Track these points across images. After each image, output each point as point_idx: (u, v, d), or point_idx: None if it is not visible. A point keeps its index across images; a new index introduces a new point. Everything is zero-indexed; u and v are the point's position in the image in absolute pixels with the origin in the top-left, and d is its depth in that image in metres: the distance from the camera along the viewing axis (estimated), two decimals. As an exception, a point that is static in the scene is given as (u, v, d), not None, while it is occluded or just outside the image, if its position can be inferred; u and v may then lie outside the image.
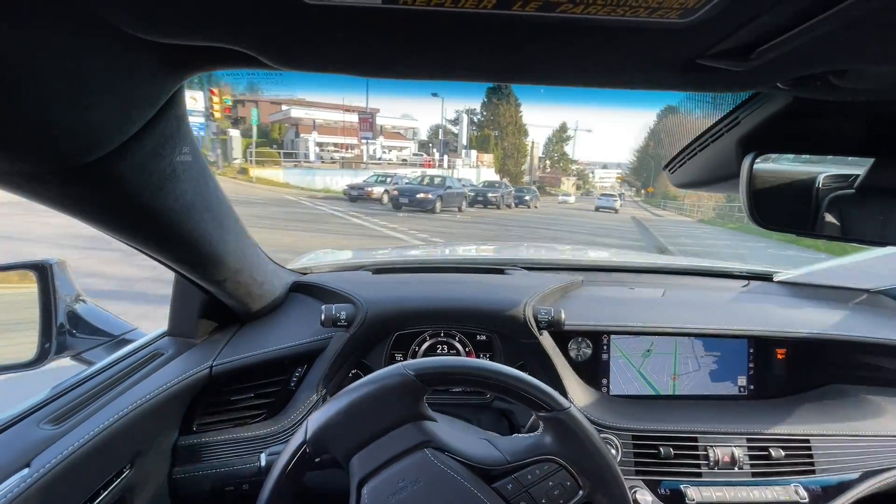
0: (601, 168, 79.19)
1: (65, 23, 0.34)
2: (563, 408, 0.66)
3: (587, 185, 67.94)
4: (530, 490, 0.64)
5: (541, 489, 0.64)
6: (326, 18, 0.34)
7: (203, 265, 0.81)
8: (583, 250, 2.19)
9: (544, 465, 0.65)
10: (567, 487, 0.65)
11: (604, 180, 76.60)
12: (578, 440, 0.65)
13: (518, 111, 42.61)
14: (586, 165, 74.95)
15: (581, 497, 0.65)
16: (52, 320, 0.91)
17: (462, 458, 0.65)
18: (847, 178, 0.69)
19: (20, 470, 0.62)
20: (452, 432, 0.68)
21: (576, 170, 66.69)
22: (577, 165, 67.47)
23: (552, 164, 59.52)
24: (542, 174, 55.85)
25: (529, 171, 48.64)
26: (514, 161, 43.45)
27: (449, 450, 0.65)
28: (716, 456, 0.96)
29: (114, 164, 0.49)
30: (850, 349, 1.13)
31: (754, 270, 1.42)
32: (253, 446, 0.96)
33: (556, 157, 59.84)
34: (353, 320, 1.02)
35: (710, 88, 0.51)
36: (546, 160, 59.79)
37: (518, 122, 42.92)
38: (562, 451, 0.65)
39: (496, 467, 0.66)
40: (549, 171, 58.39)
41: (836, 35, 0.35)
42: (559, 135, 59.24)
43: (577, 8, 0.32)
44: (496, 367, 0.68)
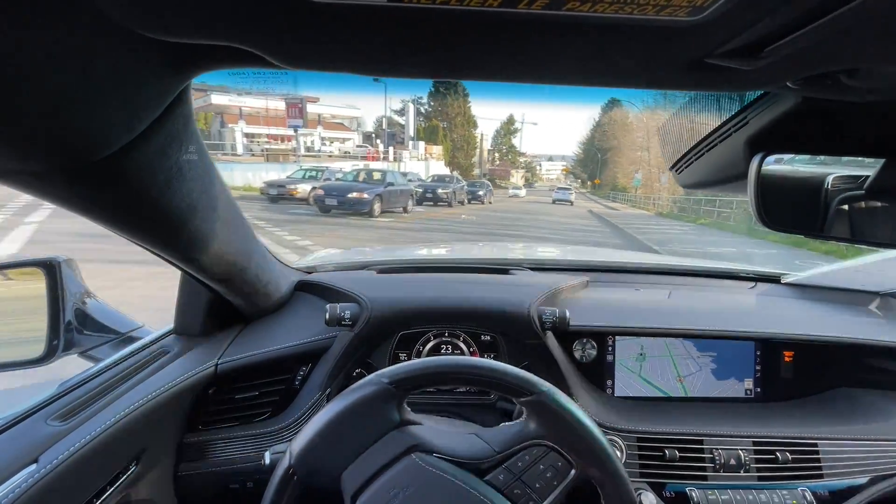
0: (547, 160, 79.65)
1: (72, 22, 0.34)
2: (542, 390, 0.65)
3: (535, 178, 67.79)
4: (522, 477, 0.64)
5: (533, 474, 0.64)
6: (332, 17, 0.34)
7: (209, 263, 0.82)
8: (588, 250, 2.18)
9: (533, 450, 0.65)
10: (559, 468, 0.65)
11: (550, 172, 77.01)
12: (562, 419, 0.65)
13: (466, 102, 41.54)
14: (533, 158, 75.19)
15: (574, 475, 0.64)
16: (60, 317, 0.92)
17: (450, 457, 0.64)
18: (857, 179, 0.68)
19: (28, 465, 0.62)
20: (438, 432, 0.68)
21: (524, 162, 66.72)
22: (524, 158, 67.50)
23: (501, 157, 59.41)
24: (491, 167, 55.50)
25: (479, 164, 47.82)
26: (463, 153, 42.27)
27: (436, 450, 0.64)
28: (721, 458, 0.95)
29: (121, 162, 0.49)
30: (858, 352, 1.12)
31: (761, 272, 1.41)
32: (257, 444, 0.96)
33: (505, 150, 59.76)
34: (357, 320, 1.02)
35: (718, 88, 0.51)
36: (495, 153, 59.62)
37: (467, 112, 41.61)
38: (547, 432, 0.65)
39: (486, 460, 0.65)
40: (499, 163, 58.12)
41: (847, 34, 0.34)
42: (507, 127, 59.00)
43: (584, 6, 0.32)
44: (469, 361, 0.68)
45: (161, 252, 0.75)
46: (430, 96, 40.83)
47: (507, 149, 60.06)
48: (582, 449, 0.64)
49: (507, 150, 60.07)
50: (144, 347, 0.97)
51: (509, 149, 60.15)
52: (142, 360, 0.90)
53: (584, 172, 61.59)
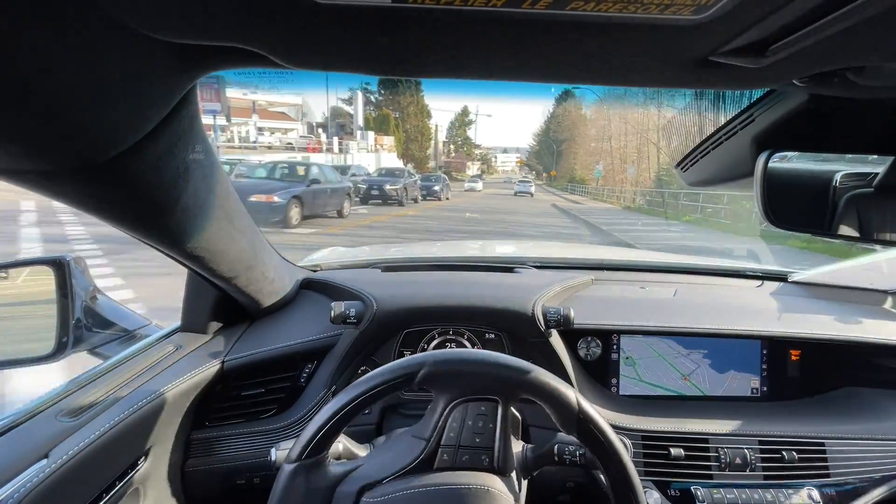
0: (502, 152, 79.12)
1: (81, 24, 0.35)
2: (425, 362, 0.64)
3: (490, 170, 66.81)
4: (461, 441, 0.65)
5: (466, 431, 0.65)
6: (337, 18, 0.34)
7: (215, 262, 0.82)
8: (593, 248, 2.18)
9: (450, 416, 0.66)
10: (483, 411, 0.65)
11: (505, 164, 76.14)
12: (455, 368, 0.64)
13: (419, 91, 39.93)
14: (488, 150, 74.71)
15: (498, 408, 0.65)
16: (70, 315, 0.93)
17: (399, 471, 0.65)
18: (865, 177, 0.67)
19: (39, 460, 0.63)
20: (376, 456, 0.68)
21: (479, 154, 66.03)
22: (480, 150, 66.87)
23: (456, 149, 58.41)
24: (447, 159, 54.41)
25: (435, 156, 45.94)
26: (418, 145, 40.17)
27: (383, 477, 0.64)
28: (727, 457, 0.94)
29: (129, 162, 0.50)
30: (866, 351, 1.11)
31: (768, 270, 1.40)
32: (264, 441, 0.97)
33: (460, 142, 58.78)
34: (362, 317, 1.03)
35: (724, 86, 0.50)
36: (450, 144, 58.59)
37: (420, 102, 39.55)
38: (444, 390, 0.65)
39: (424, 451, 0.66)
40: (454, 155, 57.06)
41: (854, 31, 0.34)
42: (461, 119, 58.04)
43: (587, 5, 0.32)
44: (351, 391, 0.65)
45: (168, 250, 0.75)
46: (381, 85, 38.83)
47: (463, 140, 58.93)
48: (474, 384, 0.65)
49: (463, 142, 58.96)
50: (152, 345, 0.98)
51: (464, 141, 59.11)
52: (149, 358, 0.91)
53: (540, 164, 60.63)
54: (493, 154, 77.05)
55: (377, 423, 1.06)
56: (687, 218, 15.17)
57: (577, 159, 44.07)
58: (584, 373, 1.09)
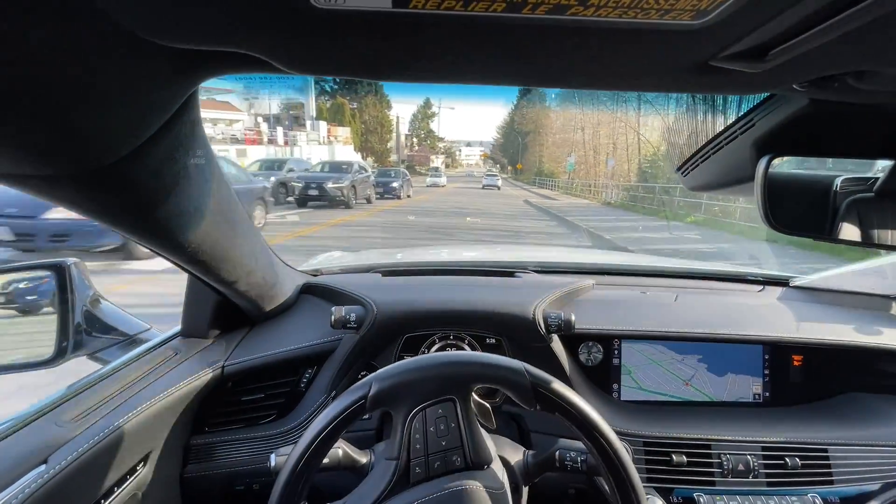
0: (466, 146, 78.75)
1: (82, 29, 0.35)
2: (371, 382, 0.64)
3: (455, 164, 65.84)
4: (428, 449, 0.64)
5: (431, 438, 0.64)
6: (336, 22, 0.34)
7: (216, 266, 0.82)
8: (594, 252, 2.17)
9: (412, 426, 0.65)
10: (441, 413, 0.65)
11: (469, 158, 75.77)
12: (401, 380, 0.64)
13: (378, 81, 38.83)
14: (452, 143, 74.09)
15: (456, 406, 0.65)
16: (70, 320, 0.93)
17: (379, 497, 0.65)
18: (866, 181, 0.67)
19: (37, 466, 0.63)
20: (357, 493, 0.67)
21: (443, 147, 64.68)
22: (443, 143, 65.65)
23: (420, 142, 56.74)
24: (410, 152, 52.57)
25: (397, 150, 43.36)
26: (377, 137, 37.42)
27: None
28: (730, 464, 0.94)
29: (130, 167, 0.50)
30: (869, 357, 1.10)
31: (770, 275, 1.40)
32: (263, 446, 0.97)
33: (423, 135, 57.03)
34: (362, 322, 1.03)
35: (724, 91, 0.50)
36: (413, 137, 56.88)
37: (379, 92, 37.15)
38: (398, 404, 0.65)
39: (399, 469, 0.65)
40: (418, 149, 55.15)
41: (854, 36, 0.34)
42: (424, 111, 56.64)
43: (587, 11, 0.32)
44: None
45: (169, 255, 0.75)
46: (336, 71, 37.46)
47: (426, 133, 57.10)
48: (423, 391, 0.65)
49: (426, 135, 57.13)
50: (152, 349, 0.98)
51: (428, 133, 57.29)
52: (149, 362, 0.91)
53: (505, 157, 59.36)
54: (458, 147, 76.78)
55: (377, 429, 1.05)
56: (691, 219, 13.03)
57: (545, 151, 41.53)
58: (584, 378, 1.09)
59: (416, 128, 58.01)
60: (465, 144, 79.93)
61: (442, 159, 58.81)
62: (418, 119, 57.91)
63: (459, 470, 0.65)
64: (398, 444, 0.65)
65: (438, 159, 55.88)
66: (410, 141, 57.02)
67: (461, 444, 0.65)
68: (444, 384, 0.65)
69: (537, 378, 0.64)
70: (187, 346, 1.00)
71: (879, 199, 0.66)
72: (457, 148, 76.32)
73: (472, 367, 0.65)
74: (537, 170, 42.23)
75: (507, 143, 58.49)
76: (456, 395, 0.65)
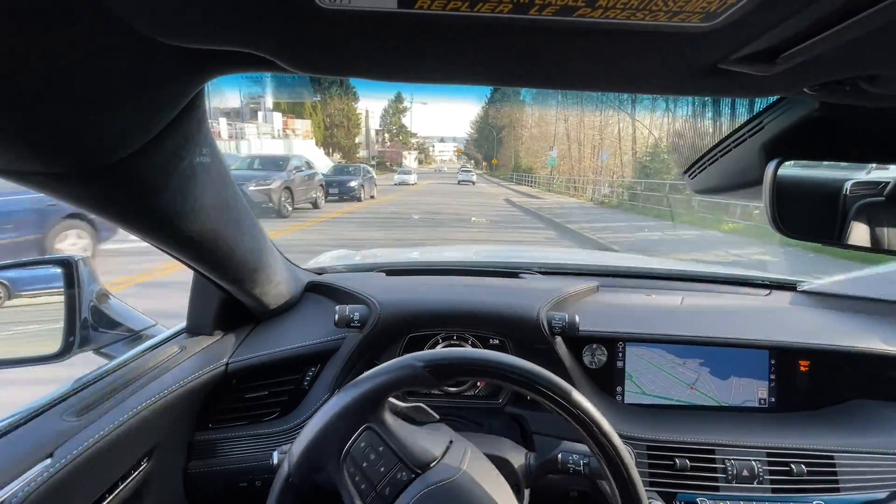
0: (439, 142, 77.69)
1: (90, 28, 0.35)
2: (290, 468, 0.63)
3: (428, 160, 64.34)
4: (374, 482, 0.63)
5: (369, 470, 0.64)
6: (342, 22, 0.34)
7: (221, 264, 0.83)
8: (599, 254, 2.16)
9: (348, 471, 0.64)
10: (364, 445, 0.64)
11: (443, 154, 74.75)
12: (312, 446, 0.63)
13: None
14: (425, 139, 72.75)
15: (374, 430, 0.65)
16: (77, 315, 0.94)
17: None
18: (877, 186, 0.66)
19: (43, 460, 0.63)
20: None
21: (416, 143, 62.79)
22: (416, 139, 63.84)
23: (391, 138, 54.43)
24: (381, 148, 50.52)
25: (367, 145, 40.74)
26: (344, 131, 34.21)
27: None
28: (734, 469, 0.93)
29: (136, 165, 0.50)
30: (878, 363, 1.09)
31: (777, 279, 1.38)
32: (266, 444, 0.97)
33: (395, 130, 54.88)
34: (366, 321, 1.03)
35: (733, 94, 0.50)
36: (384, 133, 54.72)
37: (345, 83, 33.36)
38: (322, 467, 0.64)
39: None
40: (389, 144, 52.93)
41: (867, 39, 0.33)
42: (395, 106, 54.69)
43: (595, 12, 0.32)
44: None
45: (174, 252, 0.76)
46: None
47: (398, 129, 54.80)
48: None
49: (399, 131, 54.86)
50: (157, 345, 0.99)
51: (400, 129, 55.08)
52: (155, 358, 0.92)
53: (479, 153, 57.41)
54: (431, 143, 75.90)
55: None
56: (730, 226, 9.77)
57: (522, 145, 39.22)
58: (588, 380, 1.08)
59: (387, 123, 55.97)
60: (439, 140, 79.48)
61: (415, 155, 57.36)
62: (390, 114, 55.94)
63: (409, 482, 0.64)
64: (348, 495, 0.63)
65: (411, 155, 54.50)
66: (382, 136, 55.09)
67: (398, 459, 0.64)
68: (352, 419, 0.64)
69: (429, 360, 0.64)
70: (192, 343, 1.01)
71: (889, 204, 0.65)
72: (430, 143, 75.60)
73: (368, 386, 0.64)
74: (514, 165, 39.94)
75: (481, 139, 56.63)
76: (370, 421, 0.64)
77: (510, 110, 42.79)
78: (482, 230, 10.35)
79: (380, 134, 54.52)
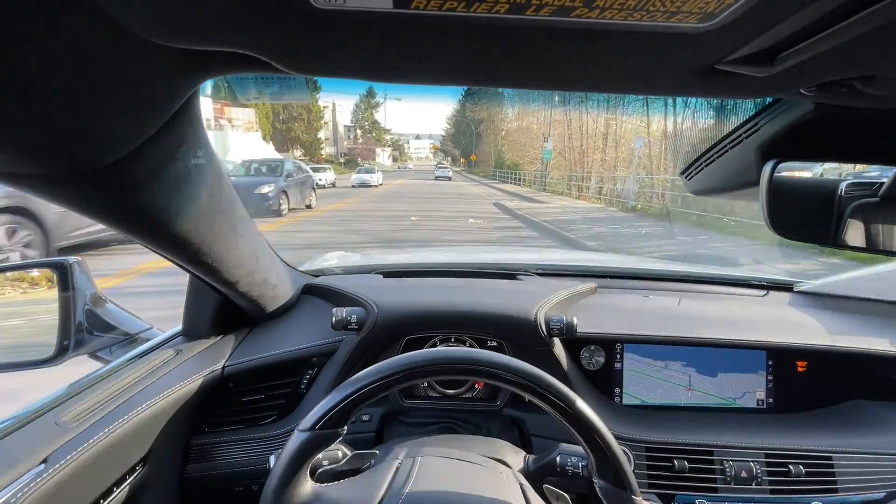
0: (415, 139, 76.93)
1: (81, 29, 0.35)
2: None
3: (404, 157, 62.33)
4: None
5: None
6: (337, 23, 0.34)
7: (217, 267, 0.82)
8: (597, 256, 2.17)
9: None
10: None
11: (419, 151, 74.16)
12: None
13: None
14: (400, 136, 71.73)
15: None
16: (71, 318, 0.93)
17: None
18: (871, 186, 0.67)
19: (37, 466, 0.63)
20: None
21: (390, 140, 59.98)
22: (390, 135, 61.17)
23: (364, 134, 51.90)
24: (352, 145, 48.11)
25: (335, 141, 38.00)
26: (304, 125, 30.32)
27: None
28: (732, 471, 0.93)
29: (129, 167, 0.50)
30: (874, 363, 1.09)
31: (774, 280, 1.39)
32: (263, 447, 0.96)
33: (368, 126, 52.13)
34: (363, 324, 1.02)
35: (730, 94, 0.50)
36: (356, 129, 52.08)
37: None
38: None
39: None
40: (361, 141, 50.41)
41: (864, 40, 0.34)
42: (367, 101, 52.27)
43: (592, 13, 0.32)
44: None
45: (170, 255, 0.75)
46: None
47: (371, 125, 51.59)
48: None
49: (371, 127, 51.61)
50: (153, 349, 0.98)
51: (372, 125, 52.04)
52: (150, 362, 0.91)
53: (457, 148, 54.35)
54: (406, 140, 74.75)
55: (377, 431, 1.05)
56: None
57: (504, 138, 34.44)
58: (586, 382, 1.08)
59: (359, 118, 53.30)
60: (415, 137, 78.75)
61: (389, 152, 55.10)
62: (361, 109, 53.11)
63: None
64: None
65: (385, 152, 51.97)
66: (354, 133, 52.76)
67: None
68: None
69: (308, 424, 0.63)
70: (188, 346, 1.00)
71: (884, 205, 0.65)
72: (405, 140, 74.50)
73: (272, 486, 0.61)
74: (496, 161, 34.92)
75: (458, 134, 52.93)
76: None
77: (489, 102, 37.27)
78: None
79: (351, 130, 52.41)
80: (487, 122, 40.67)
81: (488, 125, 40.33)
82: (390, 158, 53.89)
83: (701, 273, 1.46)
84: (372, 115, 53.12)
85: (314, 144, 31.96)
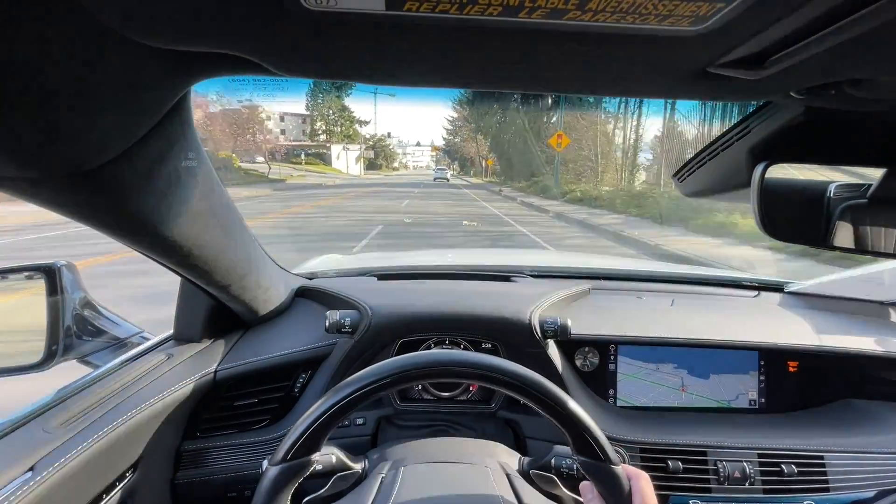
0: (415, 146, 76.29)
1: (70, 30, 0.34)
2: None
3: (389, 163, 54.93)
4: None
5: None
6: (328, 25, 0.34)
7: (209, 270, 0.81)
8: (590, 258, 2.18)
9: None
10: None
11: (419, 160, 74.16)
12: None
13: None
14: (401, 142, 69.67)
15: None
16: (60, 323, 0.92)
17: None
18: (859, 188, 0.67)
19: (24, 473, 0.62)
20: None
21: (371, 140, 49.59)
22: (372, 134, 50.76)
23: (327, 127, 38.74)
24: (289, 142, 35.72)
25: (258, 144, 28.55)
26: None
27: None
28: (726, 471, 0.93)
29: (119, 169, 0.49)
30: (865, 363, 1.10)
31: (765, 281, 1.40)
32: (256, 452, 0.95)
33: (333, 116, 39.17)
34: (357, 327, 1.02)
35: (721, 97, 0.50)
36: (315, 120, 39.24)
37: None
38: None
39: None
40: (325, 138, 37.30)
41: (853, 44, 0.34)
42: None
43: (584, 15, 0.32)
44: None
45: (161, 258, 0.74)
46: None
47: (336, 113, 38.05)
48: None
49: (338, 116, 38.44)
50: (143, 353, 0.97)
51: (341, 113, 38.67)
52: (141, 367, 0.90)
53: (457, 157, 47.05)
54: (404, 146, 72.18)
55: (373, 435, 1.04)
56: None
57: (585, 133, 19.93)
58: (581, 384, 1.08)
59: (317, 103, 38.50)
60: (416, 144, 76.96)
61: (359, 151, 40.23)
62: (320, 91, 37.56)
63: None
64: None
65: (350, 152, 37.59)
66: (309, 125, 39.04)
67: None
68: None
69: (278, 457, 0.62)
70: (180, 351, 0.99)
71: (872, 206, 0.66)
72: (403, 146, 71.31)
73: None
74: (533, 178, 22.48)
75: (470, 135, 40.26)
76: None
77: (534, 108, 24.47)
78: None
79: (306, 121, 39.15)
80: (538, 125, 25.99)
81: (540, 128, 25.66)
82: (358, 162, 40.02)
83: (693, 274, 1.47)
84: (340, 101, 38.84)
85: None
